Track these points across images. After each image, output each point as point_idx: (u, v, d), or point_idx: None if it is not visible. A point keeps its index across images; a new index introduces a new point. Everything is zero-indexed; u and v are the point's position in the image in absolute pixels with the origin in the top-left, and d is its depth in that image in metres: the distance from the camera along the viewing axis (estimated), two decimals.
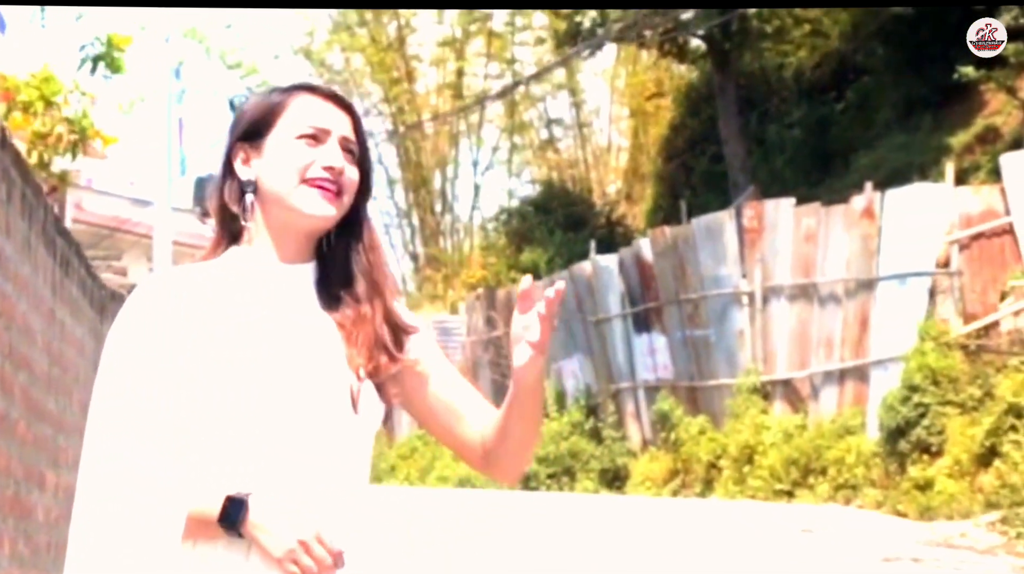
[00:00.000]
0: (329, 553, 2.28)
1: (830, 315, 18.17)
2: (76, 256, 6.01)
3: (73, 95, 10.99)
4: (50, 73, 10.63)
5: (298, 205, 2.40)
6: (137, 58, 21.54)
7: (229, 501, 2.26)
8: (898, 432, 16.04)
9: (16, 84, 10.52)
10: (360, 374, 2.38)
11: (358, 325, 2.40)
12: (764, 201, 20.00)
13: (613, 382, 22.78)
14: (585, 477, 22.21)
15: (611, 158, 37.94)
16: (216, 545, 2.29)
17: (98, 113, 10.52)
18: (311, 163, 2.40)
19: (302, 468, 2.32)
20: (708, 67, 27.53)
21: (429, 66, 39.02)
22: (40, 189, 5.07)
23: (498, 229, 34.83)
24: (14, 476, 4.76)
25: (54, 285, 5.42)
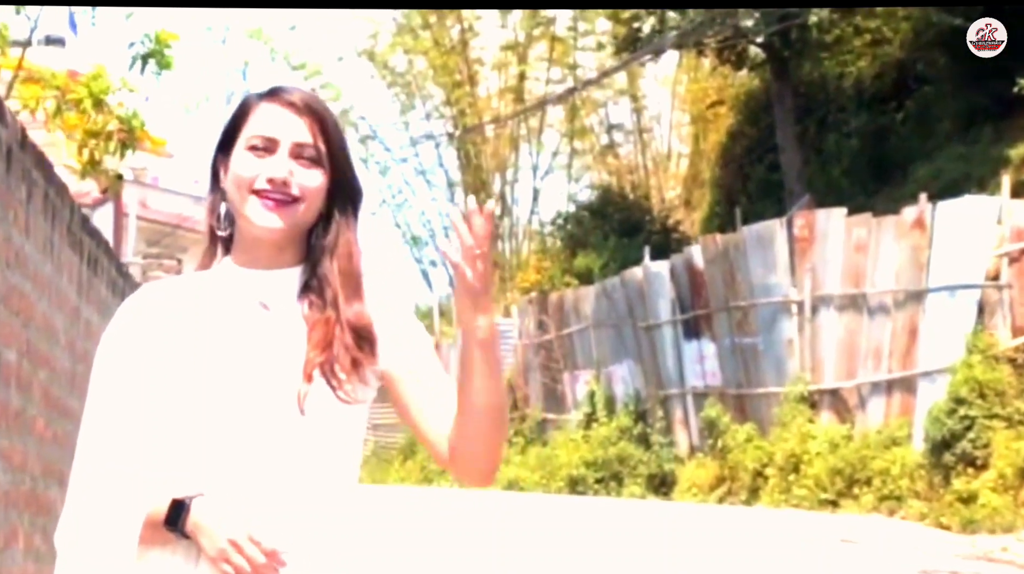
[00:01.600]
0: (263, 553, 2.31)
1: (879, 326, 18.12)
2: (105, 255, 6.14)
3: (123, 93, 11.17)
4: (100, 71, 10.81)
5: (249, 216, 2.43)
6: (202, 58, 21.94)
7: (174, 504, 2.32)
8: (943, 444, 15.98)
9: (67, 82, 10.72)
10: (312, 375, 2.39)
11: (317, 327, 2.42)
12: (815, 210, 19.97)
13: (662, 388, 22.80)
14: (632, 482, 22.23)
15: (671, 164, 37.89)
16: (170, 550, 2.36)
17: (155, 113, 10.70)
18: (257, 175, 2.42)
19: (245, 470, 2.36)
20: (767, 75, 27.46)
21: (491, 70, 39.09)
22: (65, 189, 5.19)
23: (554, 234, 34.87)
24: (31, 472, 4.87)
25: (80, 284, 5.55)
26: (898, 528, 15.56)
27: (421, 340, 2.54)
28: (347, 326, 2.43)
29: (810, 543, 14.08)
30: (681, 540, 14.72)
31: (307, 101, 2.47)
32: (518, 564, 12.64)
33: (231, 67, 21.89)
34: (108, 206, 19.73)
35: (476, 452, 2.44)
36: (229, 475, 2.35)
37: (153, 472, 2.36)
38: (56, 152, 12.05)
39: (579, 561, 12.93)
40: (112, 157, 11.17)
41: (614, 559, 13.08)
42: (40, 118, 11.06)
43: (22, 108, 10.58)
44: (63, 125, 10.80)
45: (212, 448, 2.36)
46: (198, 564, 2.34)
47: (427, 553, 13.24)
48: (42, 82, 10.52)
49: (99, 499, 2.34)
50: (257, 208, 2.42)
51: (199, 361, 2.39)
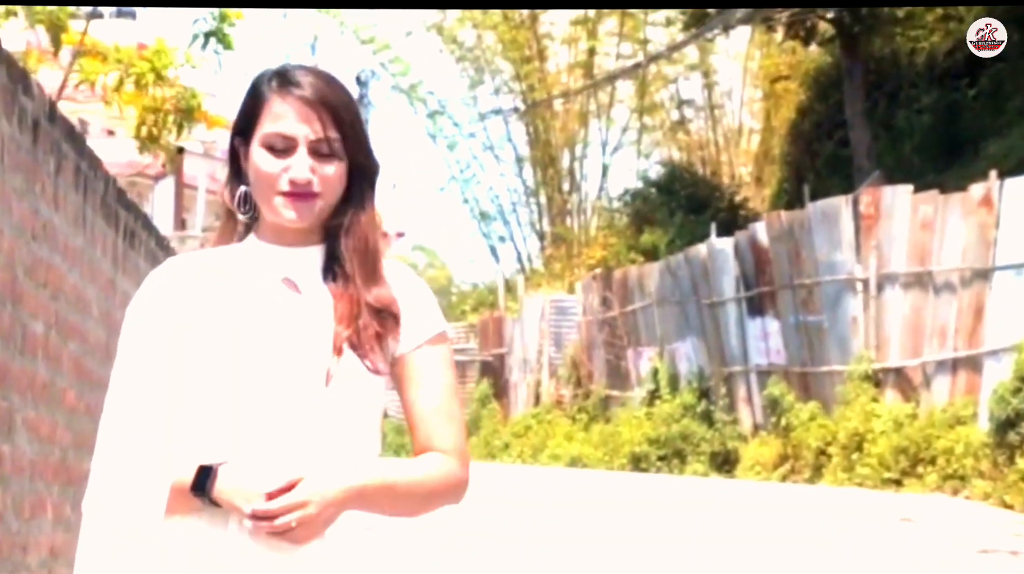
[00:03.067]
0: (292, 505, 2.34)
1: (944, 304, 17.94)
2: (144, 228, 6.18)
3: (185, 69, 11.25)
4: (163, 46, 10.89)
5: (275, 212, 2.47)
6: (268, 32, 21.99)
7: (200, 470, 2.35)
8: (1008, 423, 15.80)
9: (130, 56, 10.80)
10: (342, 348, 2.43)
11: (341, 300, 2.46)
12: (881, 187, 19.79)
13: (726, 365, 22.72)
14: (695, 460, 22.18)
15: (742, 140, 37.70)
16: (195, 517, 2.38)
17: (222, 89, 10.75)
18: (279, 176, 2.45)
19: (271, 441, 2.39)
20: (836, 50, 27.24)
21: (560, 45, 39.03)
22: (98, 162, 5.22)
23: (621, 210, 34.78)
24: (60, 443, 4.92)
25: (115, 257, 5.59)
26: (961, 507, 15.45)
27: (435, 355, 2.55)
28: (367, 305, 2.47)
29: (868, 522, 14.01)
30: (743, 518, 14.68)
31: (320, 92, 2.48)
32: (580, 540, 12.67)
33: (298, 41, 22.02)
34: (171, 179, 19.94)
35: None
36: (255, 446, 2.39)
37: (180, 443, 2.39)
38: (128, 126, 12.18)
39: (641, 538, 12.94)
40: (171, 132, 11.28)
41: (676, 536, 13.08)
42: (99, 93, 11.19)
43: (80, 82, 10.70)
44: (121, 100, 10.91)
45: (239, 419, 2.39)
46: (226, 528, 2.37)
47: (488, 529, 13.28)
48: (104, 56, 10.63)
49: (126, 467, 2.37)
50: (283, 206, 2.47)
51: (226, 333, 2.42)
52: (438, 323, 2.56)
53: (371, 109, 24.29)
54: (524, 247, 39.72)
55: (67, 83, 10.38)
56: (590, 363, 27.76)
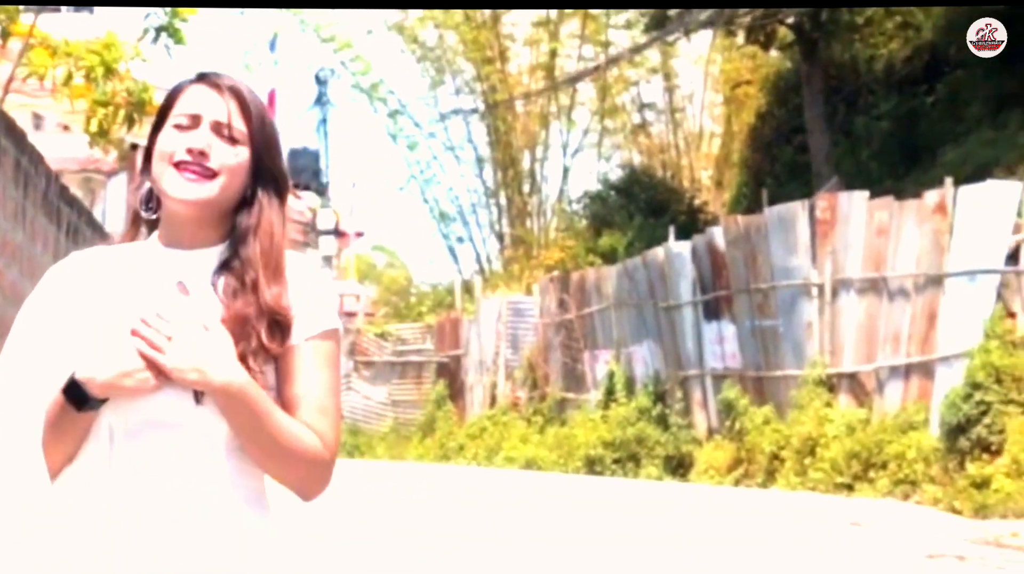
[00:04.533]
0: None
1: (898, 310, 18.04)
2: (87, 225, 6.14)
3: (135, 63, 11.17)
4: (113, 40, 10.80)
5: (166, 188, 2.47)
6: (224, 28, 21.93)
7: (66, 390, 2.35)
8: (959, 429, 15.92)
9: (79, 50, 10.70)
10: None
11: (231, 308, 2.44)
12: (837, 193, 19.90)
13: (681, 369, 22.76)
14: (650, 463, 22.20)
15: (703, 144, 37.78)
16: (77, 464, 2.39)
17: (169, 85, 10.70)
18: (176, 148, 2.47)
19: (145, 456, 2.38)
20: (796, 56, 27.36)
21: (522, 46, 39.01)
22: (39, 157, 5.19)
23: (580, 212, 34.81)
24: None
25: (57, 253, 5.55)
26: (911, 512, 15.52)
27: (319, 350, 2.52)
28: (265, 310, 2.45)
29: (819, 527, 14.07)
30: (697, 522, 14.73)
31: (232, 83, 2.54)
32: (534, 543, 12.67)
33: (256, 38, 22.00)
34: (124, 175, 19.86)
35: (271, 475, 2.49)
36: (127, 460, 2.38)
37: None
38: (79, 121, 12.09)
39: (595, 541, 12.95)
40: (122, 127, 11.20)
41: (630, 540, 13.10)
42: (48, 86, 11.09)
43: (29, 75, 10.61)
44: (71, 94, 10.82)
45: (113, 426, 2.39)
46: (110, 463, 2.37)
47: (442, 530, 13.28)
48: (54, 49, 10.54)
49: None
50: (175, 179, 2.47)
51: (110, 336, 2.40)
52: (330, 320, 2.53)
53: (330, 108, 24.20)
54: (483, 248, 39.69)
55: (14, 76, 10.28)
56: (546, 365, 27.75)
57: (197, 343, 2.37)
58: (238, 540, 2.41)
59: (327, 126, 23.45)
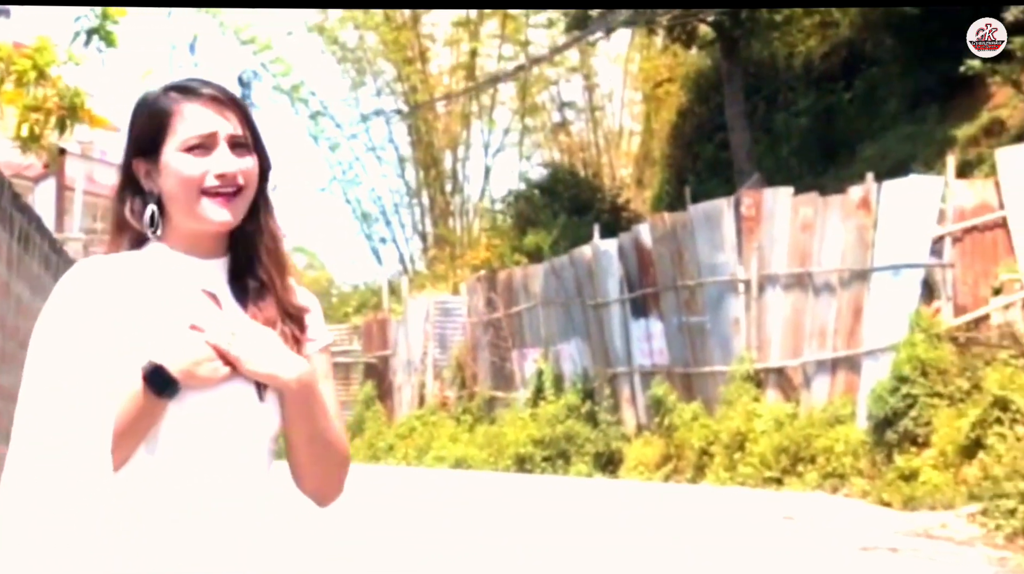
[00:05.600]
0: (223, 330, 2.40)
1: (824, 305, 18.23)
2: (38, 232, 6.11)
3: (67, 67, 11.05)
4: (45, 43, 10.68)
5: (203, 215, 2.45)
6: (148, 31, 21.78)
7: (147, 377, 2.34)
8: (886, 422, 16.10)
9: (9, 54, 10.57)
10: None
11: (257, 314, 2.47)
12: (762, 190, 20.07)
13: (610, 366, 22.87)
14: (580, 460, 22.29)
15: (623, 142, 37.95)
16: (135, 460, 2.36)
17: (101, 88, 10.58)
18: (204, 173, 2.44)
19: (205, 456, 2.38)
20: (717, 54, 27.52)
21: (443, 46, 39.03)
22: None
23: (504, 211, 34.87)
24: None
25: (10, 260, 5.52)
26: (840, 505, 15.67)
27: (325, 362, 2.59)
28: (290, 309, 2.50)
29: (751, 521, 14.17)
30: (627, 518, 14.78)
31: (225, 92, 2.52)
32: (465, 541, 12.67)
33: (178, 40, 21.78)
34: (52, 180, 19.63)
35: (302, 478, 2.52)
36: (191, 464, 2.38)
37: None
38: (5, 126, 11.92)
39: (526, 538, 12.96)
40: (53, 132, 11.07)
41: (561, 536, 13.12)
42: None
43: None
44: (2, 98, 10.69)
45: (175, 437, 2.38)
46: None
47: (372, 530, 13.25)
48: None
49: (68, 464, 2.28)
50: (210, 207, 2.45)
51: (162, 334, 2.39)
52: (328, 336, 2.62)
53: (254, 110, 24.07)
54: (407, 248, 39.71)
55: None
56: (475, 364, 27.78)
57: (262, 338, 2.42)
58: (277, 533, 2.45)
59: None
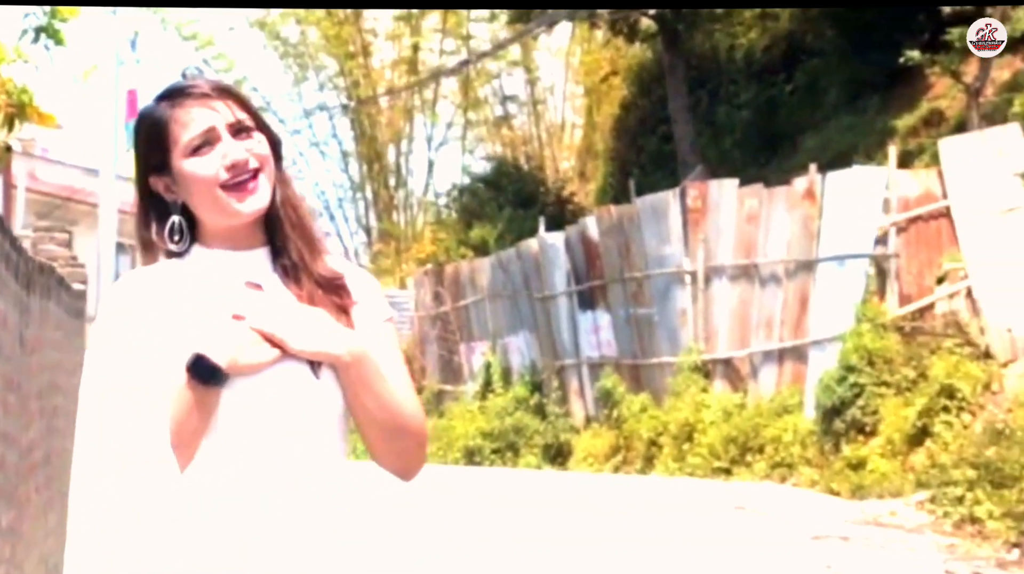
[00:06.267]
0: None
1: (771, 295, 18.35)
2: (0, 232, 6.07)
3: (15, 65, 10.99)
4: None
5: (228, 209, 2.46)
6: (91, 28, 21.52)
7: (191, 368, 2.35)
8: (834, 412, 16.24)
9: None
10: None
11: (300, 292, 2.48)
12: (708, 182, 20.17)
13: (558, 359, 22.94)
14: (528, 452, 22.36)
15: (565, 136, 38.03)
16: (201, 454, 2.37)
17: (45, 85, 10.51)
18: (217, 168, 2.45)
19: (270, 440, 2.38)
20: (659, 47, 27.62)
21: (384, 40, 38.96)
22: None
23: (449, 205, 34.91)
24: None
25: None
26: (790, 494, 15.77)
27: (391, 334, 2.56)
28: (317, 277, 2.49)
29: (703, 511, 14.24)
30: (577, 509, 14.81)
31: (211, 83, 2.51)
32: (415, 534, 12.67)
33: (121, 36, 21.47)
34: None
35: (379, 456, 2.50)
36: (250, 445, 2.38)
37: None
38: None
39: (475, 532, 12.98)
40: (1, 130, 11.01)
41: (511, 529, 13.15)
42: None
43: None
44: None
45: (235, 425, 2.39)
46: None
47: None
48: None
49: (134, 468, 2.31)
50: (231, 202, 2.46)
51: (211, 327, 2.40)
52: (388, 309, 2.59)
53: None
54: (351, 242, 39.62)
55: None
56: (423, 358, 27.78)
57: (309, 316, 2.42)
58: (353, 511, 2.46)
59: None
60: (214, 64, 38.36)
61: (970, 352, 15.38)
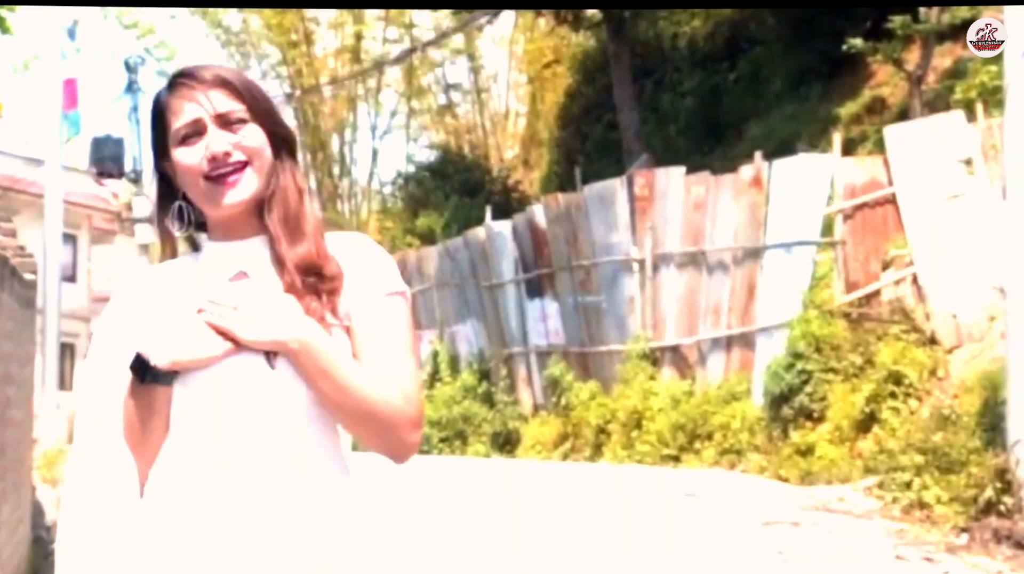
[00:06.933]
0: None
1: (718, 283, 18.42)
2: None
3: None
4: None
5: (210, 201, 2.48)
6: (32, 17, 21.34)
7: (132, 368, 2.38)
8: (782, 398, 16.32)
9: None
10: None
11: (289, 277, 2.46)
12: (655, 169, 20.20)
13: (506, 347, 22.96)
14: (477, 440, 22.36)
15: (509, 124, 38.04)
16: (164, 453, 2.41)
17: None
18: (199, 160, 2.46)
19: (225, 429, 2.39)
20: (604, 35, 27.66)
21: (327, 29, 38.83)
22: None
23: (395, 194, 34.87)
24: None
25: None
26: (739, 481, 15.82)
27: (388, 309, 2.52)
28: (299, 267, 2.46)
29: (653, 498, 14.27)
30: (526, 497, 14.81)
31: (213, 72, 2.52)
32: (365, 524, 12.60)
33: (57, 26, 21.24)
34: None
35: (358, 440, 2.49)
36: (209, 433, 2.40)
37: None
38: None
39: (424, 519, 12.95)
40: None
41: (459, 517, 13.14)
42: None
43: None
44: None
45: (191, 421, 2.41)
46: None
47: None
48: None
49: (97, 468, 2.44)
50: (215, 192, 2.47)
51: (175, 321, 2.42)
52: (393, 283, 2.54)
53: (140, 95, 23.80)
54: None
55: None
56: None
57: (264, 307, 2.40)
58: (322, 504, 2.43)
59: (139, 114, 23.02)
60: (156, 53, 38.09)
61: (916, 338, 15.50)
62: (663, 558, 10.81)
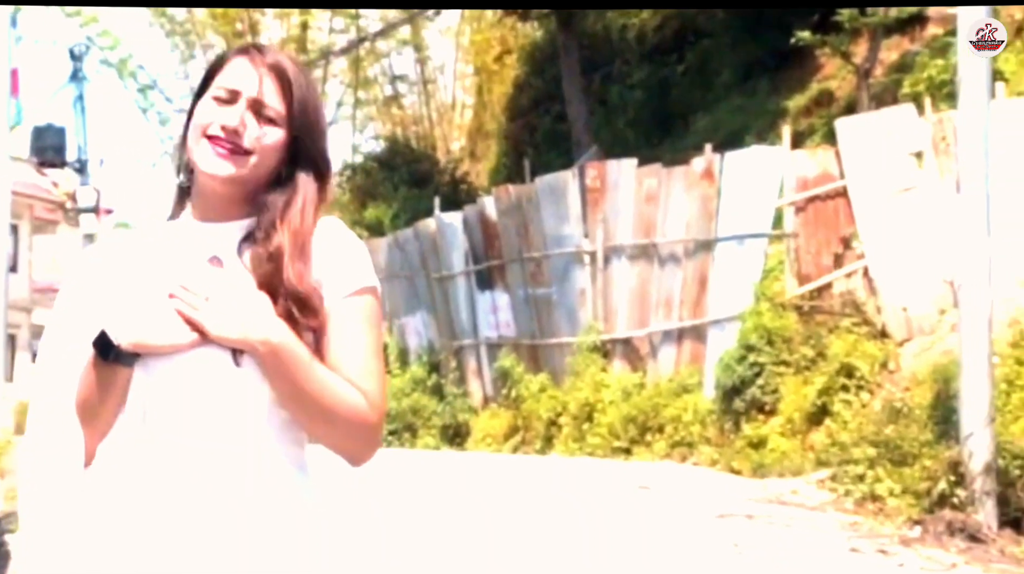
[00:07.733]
0: None
1: (669, 275, 18.42)
2: None
3: None
4: None
5: (198, 160, 2.46)
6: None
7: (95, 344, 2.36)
8: (734, 391, 16.34)
9: None
10: None
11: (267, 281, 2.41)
12: (606, 161, 20.18)
13: (456, 339, 22.90)
14: (427, 433, 22.32)
15: (455, 115, 38.01)
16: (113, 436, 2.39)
17: None
18: (212, 121, 2.45)
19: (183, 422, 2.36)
20: (552, 27, 27.67)
21: (273, 19, 38.63)
22: None
23: (342, 185, 34.76)
24: None
25: None
26: (691, 474, 15.83)
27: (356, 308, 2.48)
28: (290, 288, 2.41)
29: (606, 490, 14.26)
30: (476, 490, 14.78)
31: (278, 61, 2.50)
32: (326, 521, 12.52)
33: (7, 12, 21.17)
34: None
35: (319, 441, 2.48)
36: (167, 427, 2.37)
37: None
38: None
39: (374, 513, 12.88)
40: None
41: (409, 510, 13.08)
42: None
43: None
44: None
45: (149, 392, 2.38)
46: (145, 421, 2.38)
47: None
48: None
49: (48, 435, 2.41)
50: (206, 152, 2.45)
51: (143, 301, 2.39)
52: (364, 277, 2.50)
53: (86, 84, 23.65)
54: None
55: None
56: None
57: (234, 302, 2.37)
58: (279, 504, 2.41)
59: (84, 102, 22.90)
60: (99, 42, 37.81)
61: (867, 331, 15.58)
62: (619, 550, 10.80)
